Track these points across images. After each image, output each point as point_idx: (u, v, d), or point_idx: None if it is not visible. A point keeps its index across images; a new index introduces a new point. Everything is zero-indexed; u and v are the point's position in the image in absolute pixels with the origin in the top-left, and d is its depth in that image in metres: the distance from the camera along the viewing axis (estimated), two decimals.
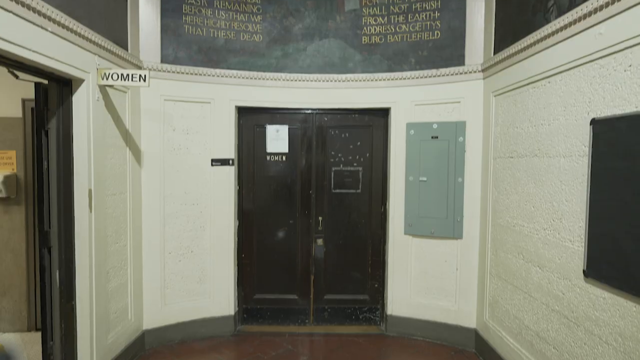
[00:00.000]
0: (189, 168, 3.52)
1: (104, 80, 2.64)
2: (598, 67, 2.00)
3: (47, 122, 2.51)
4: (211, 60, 3.54)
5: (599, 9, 1.96)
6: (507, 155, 2.92)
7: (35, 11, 2.04)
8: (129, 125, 3.10)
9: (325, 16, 3.67)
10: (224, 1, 3.56)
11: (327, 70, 3.67)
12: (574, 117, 2.18)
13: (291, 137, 3.80)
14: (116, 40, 2.92)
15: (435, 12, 3.50)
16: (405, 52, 3.59)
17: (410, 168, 3.57)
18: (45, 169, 2.53)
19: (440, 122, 3.47)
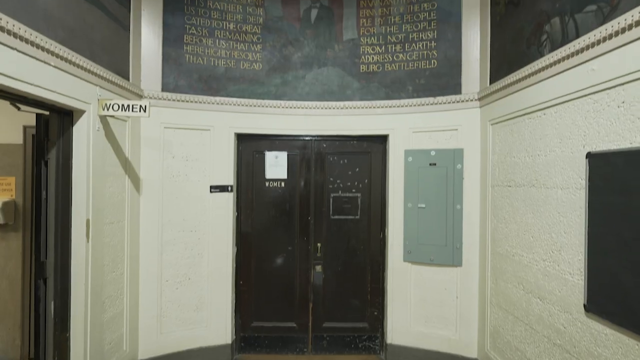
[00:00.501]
0: (188, 195, 3.52)
1: (104, 111, 2.67)
2: (592, 101, 2.03)
3: (47, 153, 2.53)
4: (211, 88, 3.59)
5: (591, 46, 2.00)
6: (505, 184, 2.93)
7: (39, 47, 2.09)
8: (129, 153, 3.12)
9: (324, 45, 3.74)
10: (225, 31, 3.64)
11: (326, 97, 3.72)
12: (570, 149, 2.19)
13: (290, 163, 3.82)
14: (118, 71, 2.96)
15: (431, 42, 3.57)
16: (403, 80, 3.64)
17: (409, 195, 3.57)
18: (44, 199, 2.53)
19: (438, 150, 3.50)
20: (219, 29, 3.62)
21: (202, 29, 3.57)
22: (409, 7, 3.63)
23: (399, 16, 3.66)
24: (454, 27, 3.49)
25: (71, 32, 2.41)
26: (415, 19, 3.62)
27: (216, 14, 3.62)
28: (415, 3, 3.62)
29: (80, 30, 2.51)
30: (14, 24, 1.91)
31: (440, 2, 3.54)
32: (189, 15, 3.53)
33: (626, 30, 1.78)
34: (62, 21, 2.33)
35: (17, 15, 1.97)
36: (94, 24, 2.66)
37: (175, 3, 3.48)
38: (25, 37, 1.98)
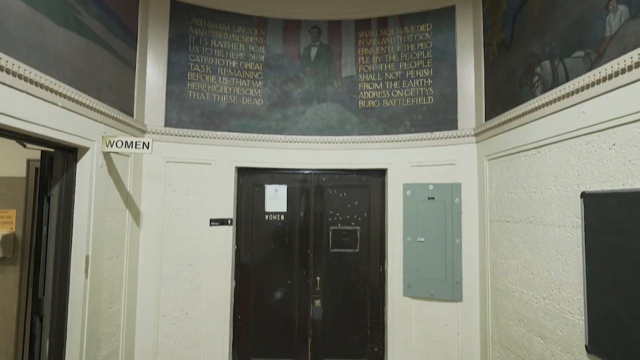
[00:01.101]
0: (188, 228, 3.53)
1: (108, 147, 2.73)
2: (584, 142, 2.09)
3: (50, 189, 2.57)
4: (213, 123, 3.67)
5: (580, 90, 2.08)
6: (503, 220, 2.95)
7: (48, 89, 2.16)
8: (130, 188, 3.15)
9: (324, 82, 3.85)
10: (228, 68, 3.76)
11: (325, 132, 3.80)
12: (565, 188, 2.23)
13: (290, 196, 3.85)
14: (122, 107, 3.04)
15: (428, 79, 3.68)
16: (401, 115, 3.73)
17: (408, 228, 3.58)
18: (45, 235, 2.54)
19: (436, 184, 3.54)
20: (221, 67, 3.74)
21: (205, 67, 3.69)
22: (405, 46, 3.77)
23: (396, 54, 3.79)
24: (449, 66, 3.62)
25: (80, 73, 2.50)
26: (411, 58, 3.75)
27: (219, 52, 3.74)
28: (411, 42, 3.76)
29: (89, 71, 2.60)
30: (25, 68, 1.99)
31: (436, 42, 3.68)
32: (193, 53, 3.66)
33: (613, 76, 1.85)
34: (72, 63, 2.42)
35: (30, 60, 2.05)
36: (102, 65, 2.76)
37: (180, 42, 3.61)
38: (35, 80, 2.05)
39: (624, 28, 1.83)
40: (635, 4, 1.76)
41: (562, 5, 2.28)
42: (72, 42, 2.42)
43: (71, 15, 2.41)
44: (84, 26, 2.54)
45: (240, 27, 3.81)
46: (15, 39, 1.96)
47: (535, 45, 2.56)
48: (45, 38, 2.18)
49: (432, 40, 3.69)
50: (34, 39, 2.10)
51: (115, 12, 2.92)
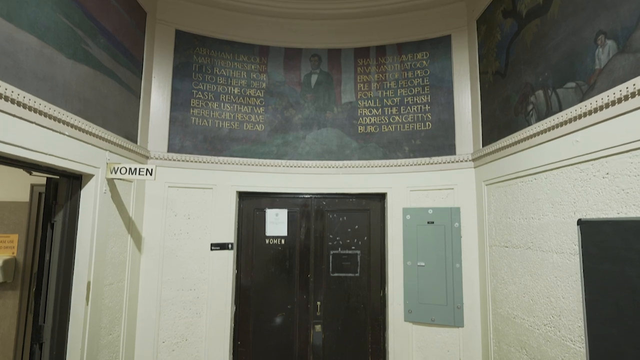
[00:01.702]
0: (188, 253, 3.54)
1: (112, 174, 2.78)
2: (578, 170, 2.13)
3: (54, 215, 2.60)
4: (215, 148, 3.74)
5: (573, 120, 2.14)
6: (503, 245, 2.97)
7: (56, 119, 2.22)
8: (132, 213, 3.19)
9: (324, 107, 3.94)
10: (230, 95, 3.85)
11: (325, 157, 3.86)
12: (562, 215, 2.27)
13: (290, 220, 3.88)
14: (126, 134, 3.11)
15: (425, 106, 3.77)
16: (399, 140, 3.80)
17: (408, 253, 3.59)
18: (47, 261, 2.56)
19: (436, 208, 3.57)
20: (224, 93, 3.83)
21: (208, 94, 3.78)
22: (404, 74, 3.87)
23: (394, 81, 3.88)
24: (446, 92, 3.71)
25: (86, 103, 2.57)
26: (409, 84, 3.84)
27: (222, 80, 3.84)
28: (409, 70, 3.86)
29: (95, 100, 2.67)
30: (35, 100, 2.05)
31: (433, 69, 3.78)
32: (197, 81, 3.75)
33: (603, 108, 1.91)
34: (79, 93, 2.49)
35: (40, 91, 2.12)
36: (108, 93, 2.84)
37: (184, 70, 3.72)
38: (44, 111, 2.12)
39: (612, 62, 1.90)
40: (622, 39, 1.84)
41: (553, 38, 2.37)
42: (80, 73, 2.50)
43: (80, 48, 2.50)
44: (91, 57, 2.63)
45: (242, 56, 3.92)
46: (26, 72, 2.03)
47: (528, 75, 2.64)
48: (55, 70, 2.26)
49: (429, 68, 3.80)
50: (44, 72, 2.17)
51: (122, 42, 3.03)
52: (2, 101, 1.85)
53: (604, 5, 1.96)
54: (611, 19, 1.91)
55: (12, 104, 1.91)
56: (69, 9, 2.38)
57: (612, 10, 1.91)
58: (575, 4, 2.18)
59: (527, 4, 2.67)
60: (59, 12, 2.29)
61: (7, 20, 1.91)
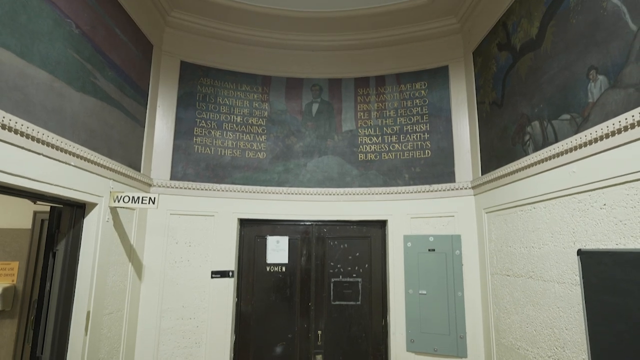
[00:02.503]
0: (189, 281, 3.53)
1: (115, 203, 2.81)
2: (576, 201, 2.16)
3: (56, 244, 2.61)
4: (217, 175, 3.78)
5: (569, 151, 2.18)
6: (504, 273, 2.96)
7: (62, 150, 2.27)
8: (134, 241, 3.20)
9: (325, 135, 4.00)
10: (233, 123, 3.92)
11: (326, 184, 3.89)
12: (562, 244, 2.27)
13: (291, 247, 3.87)
14: (130, 163, 3.16)
15: (424, 134, 3.83)
16: (399, 168, 3.84)
17: (410, 280, 3.57)
18: (47, 291, 2.56)
19: (436, 235, 3.57)
20: (227, 122, 3.91)
21: (211, 122, 3.86)
22: (403, 103, 3.96)
23: (394, 110, 3.97)
24: (444, 121, 3.78)
25: (92, 133, 2.63)
26: (408, 113, 3.92)
27: (225, 109, 3.93)
28: (408, 99, 3.95)
29: (101, 130, 2.74)
30: (44, 132, 2.11)
31: (431, 99, 3.87)
32: (200, 110, 3.84)
33: (598, 140, 1.96)
34: (86, 124, 2.55)
35: (48, 124, 2.18)
36: (114, 123, 2.91)
37: (188, 99, 3.81)
38: (51, 143, 2.17)
39: (604, 96, 1.96)
40: (612, 75, 1.90)
41: (547, 72, 2.44)
42: (88, 105, 2.57)
43: (88, 80, 2.58)
44: (99, 89, 2.71)
45: (245, 85, 4.03)
46: (35, 105, 2.10)
47: (524, 106, 2.71)
48: (64, 103, 2.33)
49: (428, 97, 3.88)
50: (53, 105, 2.24)
51: (128, 74, 3.12)
52: (11, 134, 1.90)
53: (594, 42, 2.04)
54: (601, 55, 1.98)
55: (21, 137, 1.97)
56: (79, 44, 2.47)
57: (602, 47, 1.98)
58: (567, 40, 2.26)
59: (521, 39, 2.77)
60: (69, 47, 2.38)
61: (20, 57, 1.99)
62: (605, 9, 1.97)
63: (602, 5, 1.98)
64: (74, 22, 2.42)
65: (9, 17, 1.91)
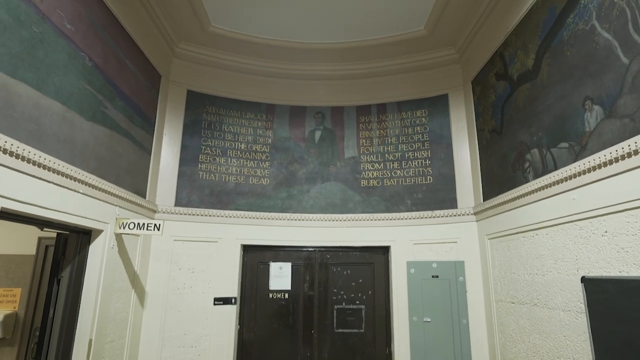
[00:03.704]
0: (191, 308, 3.51)
1: (120, 229, 2.84)
2: (578, 228, 2.18)
3: (61, 271, 2.63)
4: (221, 202, 3.82)
5: (568, 178, 2.22)
6: (509, 300, 2.94)
7: (72, 178, 2.33)
8: (138, 267, 3.20)
9: (327, 162, 4.06)
10: (237, 150, 4.00)
11: (329, 210, 3.92)
12: (565, 271, 2.28)
13: (294, 274, 3.86)
14: (136, 190, 3.21)
15: (426, 160, 3.89)
16: (401, 194, 3.88)
17: (414, 307, 3.54)
18: (50, 318, 2.55)
19: (439, 262, 3.57)
20: (231, 149, 3.98)
21: (216, 149, 3.93)
22: (404, 130, 4.03)
23: (395, 137, 4.04)
24: (445, 148, 3.84)
25: (101, 161, 2.69)
26: (409, 140, 3.99)
27: (230, 136, 4.01)
28: (409, 126, 4.03)
29: (110, 158, 2.80)
30: (55, 161, 2.17)
31: (432, 126, 3.95)
32: (205, 137, 3.92)
33: (596, 168, 2.00)
34: (96, 153, 2.62)
35: (60, 153, 2.24)
36: (122, 152, 2.97)
37: (194, 127, 3.89)
38: (62, 172, 2.22)
39: (600, 126, 2.01)
40: (607, 105, 1.96)
41: (544, 102, 2.51)
42: (98, 134, 2.65)
43: (99, 110, 2.67)
44: (109, 119, 2.79)
45: (250, 113, 4.12)
46: (48, 135, 2.17)
47: (523, 134, 2.77)
48: (75, 132, 2.40)
49: (429, 124, 3.96)
50: (65, 134, 2.31)
51: (137, 104, 3.21)
52: (24, 163, 1.96)
53: (588, 74, 2.11)
54: (596, 87, 2.05)
55: (34, 166, 2.02)
56: (92, 76, 2.57)
57: (596, 79, 2.06)
58: (562, 72, 2.34)
59: (518, 69, 2.86)
60: (82, 79, 2.47)
61: (36, 89, 2.07)
62: (597, 42, 2.05)
63: (595, 40, 2.07)
64: (88, 55, 2.53)
65: (28, 52, 2.00)
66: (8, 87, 1.88)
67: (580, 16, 2.20)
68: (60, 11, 2.26)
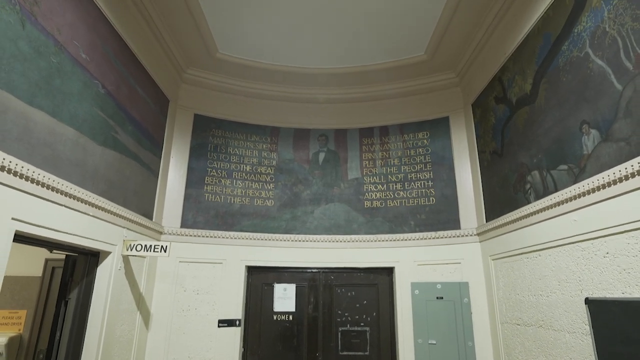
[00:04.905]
0: (195, 330, 3.50)
1: (128, 251, 2.88)
2: (580, 249, 2.20)
3: (69, 293, 2.65)
4: (226, 223, 3.86)
5: (569, 200, 2.26)
6: (514, 322, 2.93)
7: (82, 201, 2.39)
8: (143, 289, 3.22)
9: (331, 183, 4.12)
10: (242, 172, 4.07)
11: (333, 231, 3.95)
12: (569, 292, 2.29)
13: (298, 295, 3.86)
14: (143, 212, 3.26)
15: (428, 181, 3.94)
16: (405, 215, 3.91)
17: (419, 329, 3.52)
18: (57, 340, 2.56)
19: (444, 283, 3.57)
20: (237, 171, 4.05)
21: (222, 171, 4.00)
22: (406, 152, 4.10)
23: (398, 159, 4.10)
24: (447, 169, 3.89)
25: (111, 184, 2.76)
26: (412, 162, 4.05)
27: (235, 158, 4.09)
28: (411, 148, 4.10)
29: (118, 181, 2.87)
30: (67, 184, 2.23)
31: (434, 147, 4.02)
32: (211, 159, 4.00)
33: (595, 190, 2.04)
34: (106, 176, 2.69)
35: (72, 176, 2.31)
36: (130, 174, 3.04)
37: (201, 150, 3.98)
38: (74, 195, 2.29)
39: (597, 149, 2.07)
40: (604, 129, 2.02)
41: (542, 125, 2.58)
42: (108, 158, 2.72)
43: (110, 135, 2.75)
44: (119, 143, 2.87)
45: (255, 136, 4.21)
46: (62, 160, 2.24)
47: (523, 156, 2.82)
48: (87, 157, 2.48)
49: (430, 146, 4.03)
50: (77, 158, 2.38)
51: (146, 128, 3.30)
52: (39, 187, 2.02)
53: (584, 99, 2.18)
54: (592, 111, 2.12)
55: (47, 189, 2.09)
56: (104, 103, 2.67)
57: (592, 104, 2.12)
58: (559, 96, 2.41)
59: (516, 93, 2.94)
60: (95, 106, 2.57)
61: (52, 116, 2.16)
62: (591, 69, 2.13)
63: (589, 66, 2.15)
64: (101, 83, 2.63)
65: (45, 81, 2.10)
66: (26, 114, 1.96)
67: (574, 44, 2.29)
68: (77, 42, 2.37)
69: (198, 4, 3.18)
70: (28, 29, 1.97)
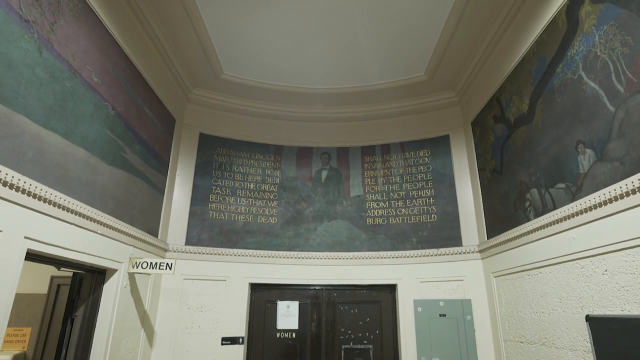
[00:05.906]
0: (199, 348, 3.51)
1: (134, 269, 2.92)
2: (579, 267, 2.24)
3: (75, 310, 2.69)
4: (230, 240, 3.91)
5: (567, 218, 2.30)
6: (517, 340, 2.93)
7: (91, 219, 2.45)
8: (148, 306, 3.25)
9: (334, 201, 4.17)
10: (246, 190, 4.13)
11: (336, 248, 3.98)
12: (570, 310, 2.31)
13: (301, 312, 3.87)
14: (149, 229, 3.31)
15: (430, 199, 3.98)
16: (407, 232, 3.95)
17: (422, 348, 3.51)
18: (62, 358, 2.59)
19: (446, 300, 3.58)
20: (241, 189, 4.12)
21: (226, 189, 4.07)
22: (407, 169, 4.16)
23: (399, 176, 4.17)
24: (448, 186, 3.95)
25: (118, 202, 2.82)
26: (413, 179, 4.11)
27: (239, 176, 4.16)
28: (412, 165, 4.16)
29: (126, 200, 2.93)
30: (77, 204, 2.30)
31: (434, 165, 4.08)
32: (216, 178, 4.07)
33: (592, 209, 2.09)
34: (114, 194, 2.76)
35: (82, 195, 2.38)
36: (137, 193, 3.11)
37: (205, 168, 4.06)
38: (83, 213, 2.35)
39: (594, 168, 2.12)
40: (599, 149, 2.08)
41: (540, 144, 2.64)
42: (116, 177, 2.80)
43: (118, 155, 2.83)
44: (127, 163, 2.95)
45: (258, 154, 4.29)
46: (73, 180, 2.31)
47: (522, 174, 2.88)
48: (96, 176, 2.55)
49: (431, 164, 4.10)
50: (87, 178, 2.45)
51: (153, 147, 3.39)
52: (51, 206, 2.09)
53: (579, 120, 2.25)
54: (587, 132, 2.18)
55: (59, 209, 2.15)
56: (114, 124, 2.76)
57: (586, 124, 2.19)
58: (555, 117, 2.48)
59: (514, 113, 3.01)
60: (105, 127, 2.65)
61: (64, 137, 2.24)
62: (585, 91, 2.20)
63: (582, 88, 2.22)
64: (111, 105, 2.73)
65: (60, 104, 2.19)
66: (41, 137, 2.04)
67: (568, 66, 2.37)
68: (90, 66, 2.47)
69: (205, 28, 3.30)
70: (45, 56, 2.07)
